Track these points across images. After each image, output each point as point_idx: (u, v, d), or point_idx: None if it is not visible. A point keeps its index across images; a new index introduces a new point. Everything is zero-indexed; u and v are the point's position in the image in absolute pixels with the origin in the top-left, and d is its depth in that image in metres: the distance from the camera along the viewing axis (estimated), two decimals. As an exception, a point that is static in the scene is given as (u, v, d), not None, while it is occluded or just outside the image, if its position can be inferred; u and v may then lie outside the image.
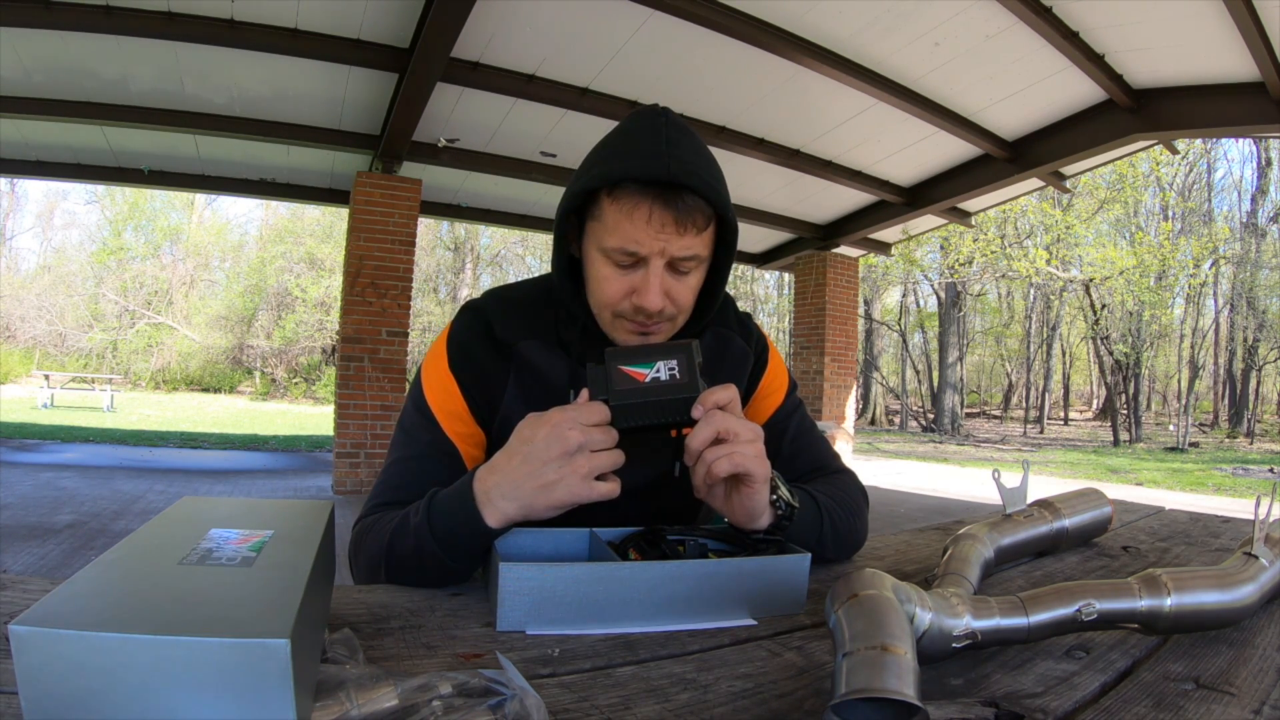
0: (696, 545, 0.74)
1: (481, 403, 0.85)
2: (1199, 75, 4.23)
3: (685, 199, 0.75)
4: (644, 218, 0.75)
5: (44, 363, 18.91)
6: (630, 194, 0.75)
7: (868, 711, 0.44)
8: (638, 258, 0.77)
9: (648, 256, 0.76)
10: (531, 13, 3.88)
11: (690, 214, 0.75)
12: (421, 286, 22.31)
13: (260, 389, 21.18)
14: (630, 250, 0.76)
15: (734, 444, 0.67)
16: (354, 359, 5.48)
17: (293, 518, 0.58)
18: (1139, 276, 14.66)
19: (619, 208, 0.76)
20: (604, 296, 0.80)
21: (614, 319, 0.82)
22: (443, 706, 0.42)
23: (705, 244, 0.79)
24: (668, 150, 0.75)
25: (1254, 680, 0.53)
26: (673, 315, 0.81)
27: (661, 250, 0.76)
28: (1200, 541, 1.05)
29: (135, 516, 4.26)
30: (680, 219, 0.75)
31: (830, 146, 5.57)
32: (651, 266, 0.77)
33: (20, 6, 3.48)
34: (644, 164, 0.74)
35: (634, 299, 0.78)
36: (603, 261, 0.79)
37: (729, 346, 0.93)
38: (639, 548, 0.74)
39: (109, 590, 0.41)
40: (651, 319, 0.79)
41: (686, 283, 0.80)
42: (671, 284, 0.79)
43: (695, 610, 0.64)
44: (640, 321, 0.80)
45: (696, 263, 0.79)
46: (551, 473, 0.66)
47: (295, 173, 6.12)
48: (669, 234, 0.75)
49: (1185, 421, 16.00)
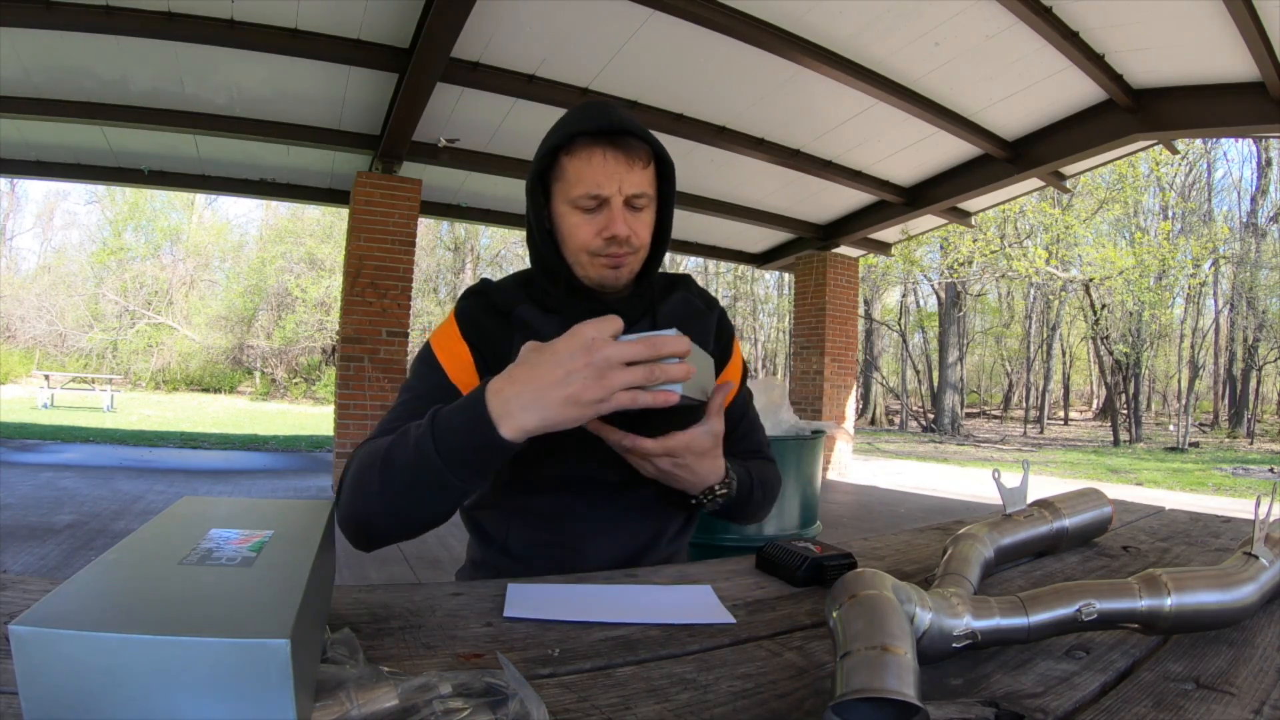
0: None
1: (492, 362, 0.92)
2: (1199, 75, 4.23)
3: (629, 141, 0.90)
4: (600, 161, 0.89)
5: (44, 363, 18.91)
6: (584, 145, 0.90)
7: (868, 711, 0.44)
8: (600, 199, 0.90)
9: (608, 196, 0.90)
10: (531, 13, 3.88)
11: (635, 152, 0.90)
12: (421, 286, 22.32)
13: (260, 389, 21.18)
14: (593, 193, 0.90)
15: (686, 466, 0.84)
16: (354, 359, 5.47)
17: (293, 518, 0.58)
18: (1139, 276, 14.65)
19: (578, 161, 0.90)
20: (579, 241, 0.92)
21: (590, 259, 0.93)
22: (442, 706, 0.42)
23: (650, 181, 0.94)
24: (606, 111, 0.91)
25: (1254, 680, 0.53)
26: (637, 247, 0.94)
27: (619, 188, 0.90)
28: (1200, 541, 1.05)
29: (135, 516, 4.26)
30: (629, 157, 0.90)
31: (830, 146, 5.57)
32: (613, 204, 0.90)
33: (20, 6, 3.47)
34: (592, 122, 0.90)
35: (604, 233, 0.91)
36: (572, 212, 0.92)
37: (692, 307, 1.04)
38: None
39: (109, 590, 0.41)
40: (622, 248, 0.92)
41: (642, 219, 0.94)
42: (630, 218, 0.92)
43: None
44: (612, 254, 0.92)
45: (647, 200, 0.93)
46: (578, 381, 0.66)
47: (295, 173, 6.12)
48: (621, 171, 0.89)
49: (1185, 421, 16.00)
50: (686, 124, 5.05)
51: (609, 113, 0.91)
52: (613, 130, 0.90)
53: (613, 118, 0.90)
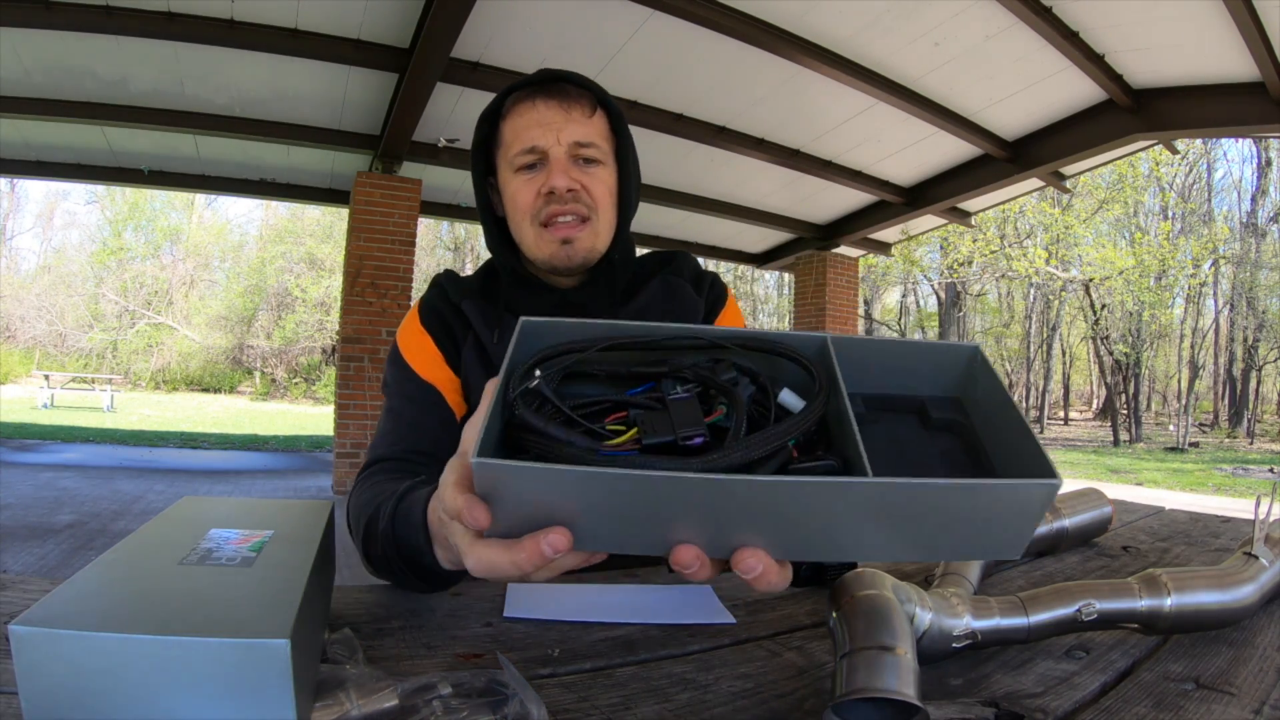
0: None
1: (451, 350, 0.90)
2: (1199, 75, 4.23)
3: (565, 88, 0.82)
4: (530, 109, 0.81)
5: (44, 363, 18.90)
6: (517, 99, 0.83)
7: (868, 711, 0.44)
8: (539, 153, 0.81)
9: (547, 149, 0.81)
10: (531, 13, 3.88)
11: (572, 98, 0.82)
12: (421, 287, 22.17)
13: (260, 389, 21.17)
14: (529, 146, 0.81)
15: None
16: (354, 359, 5.48)
17: (293, 518, 0.58)
18: (1139, 276, 14.66)
19: (513, 117, 0.83)
20: (520, 205, 0.83)
21: (537, 233, 0.84)
22: (442, 706, 0.42)
23: (599, 132, 0.84)
24: (544, 71, 0.85)
25: (1254, 680, 0.53)
26: (590, 205, 0.83)
27: (557, 138, 0.81)
28: (1200, 541, 1.05)
29: (135, 516, 4.26)
30: (564, 103, 0.81)
31: (830, 146, 5.56)
32: (553, 155, 0.81)
33: (20, 6, 3.47)
34: (524, 80, 0.84)
35: (543, 190, 0.81)
36: (513, 177, 0.83)
37: (678, 292, 0.93)
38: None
39: (109, 590, 0.41)
40: (565, 204, 0.81)
41: (596, 175, 0.83)
42: (579, 174, 0.82)
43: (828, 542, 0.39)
44: (555, 219, 0.82)
45: (598, 153, 0.83)
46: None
47: (295, 173, 6.12)
48: (558, 118, 0.81)
49: (1185, 421, 16.00)
50: (686, 124, 5.05)
51: (544, 71, 0.84)
52: (546, 80, 0.83)
53: (546, 71, 0.84)
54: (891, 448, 0.43)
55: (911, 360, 0.45)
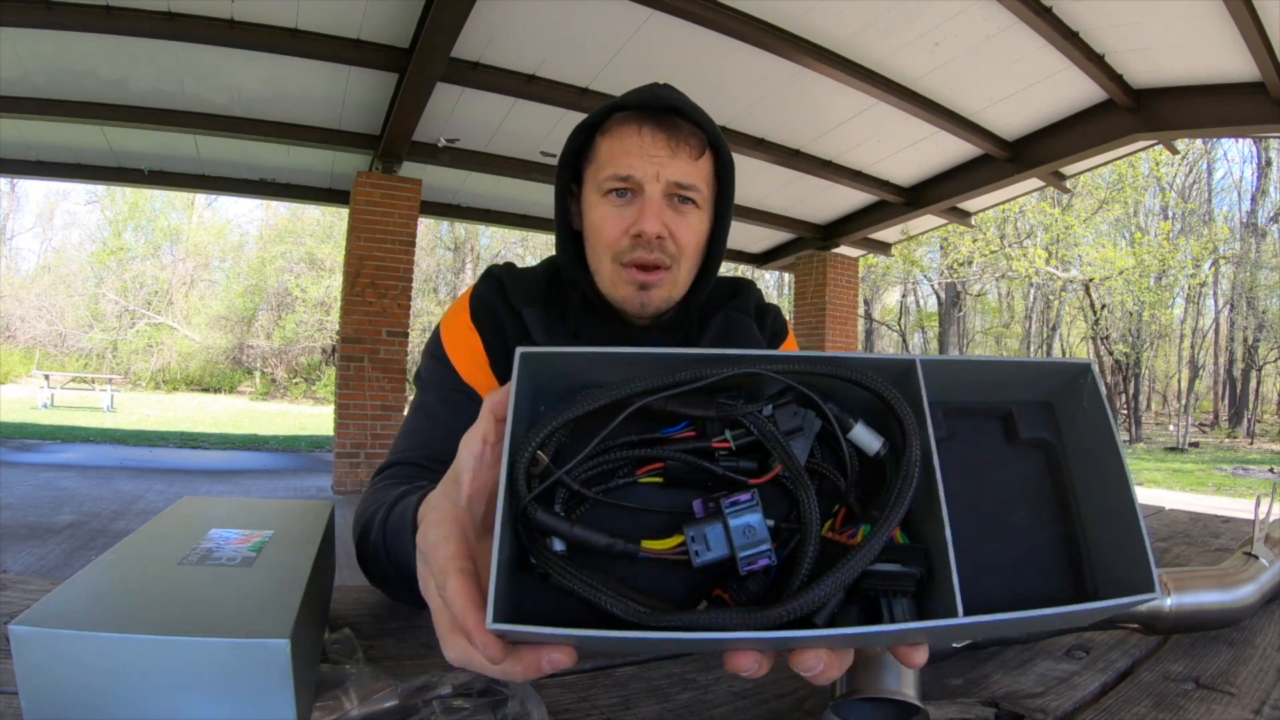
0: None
1: (499, 355, 0.82)
2: (1199, 75, 4.22)
3: (677, 122, 0.75)
4: (634, 134, 0.74)
5: (44, 363, 18.90)
6: (622, 120, 0.76)
7: (868, 711, 0.44)
8: (634, 184, 0.75)
9: (643, 181, 0.74)
10: (531, 13, 3.88)
11: (683, 135, 0.75)
12: (421, 286, 22.31)
13: (260, 389, 21.18)
14: (625, 174, 0.74)
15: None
16: (354, 359, 5.48)
17: (293, 518, 0.58)
18: (1139, 276, 14.66)
19: (612, 138, 0.76)
20: (604, 238, 0.76)
21: (615, 271, 0.77)
22: (442, 706, 0.42)
23: (703, 176, 0.77)
24: (656, 88, 0.77)
25: (1254, 680, 0.53)
26: (674, 254, 0.76)
27: (656, 174, 0.74)
28: (1200, 541, 1.05)
29: (135, 516, 4.25)
30: (673, 139, 0.74)
31: (830, 146, 5.56)
32: (648, 192, 0.74)
33: (20, 6, 3.47)
34: (636, 98, 0.76)
35: (632, 229, 0.75)
36: (601, 202, 0.76)
37: (739, 328, 0.88)
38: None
39: (109, 590, 0.41)
40: (651, 253, 0.75)
41: (688, 221, 0.77)
42: (671, 217, 0.75)
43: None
44: (639, 261, 0.75)
45: (697, 196, 0.77)
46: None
47: (295, 173, 6.12)
48: (662, 154, 0.74)
49: (1185, 421, 16.00)
50: (686, 124, 5.05)
51: (658, 89, 0.77)
52: (659, 106, 0.75)
53: (661, 93, 0.76)
54: (968, 476, 0.37)
55: (1012, 379, 0.39)
